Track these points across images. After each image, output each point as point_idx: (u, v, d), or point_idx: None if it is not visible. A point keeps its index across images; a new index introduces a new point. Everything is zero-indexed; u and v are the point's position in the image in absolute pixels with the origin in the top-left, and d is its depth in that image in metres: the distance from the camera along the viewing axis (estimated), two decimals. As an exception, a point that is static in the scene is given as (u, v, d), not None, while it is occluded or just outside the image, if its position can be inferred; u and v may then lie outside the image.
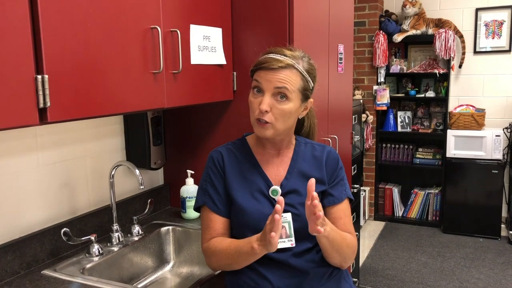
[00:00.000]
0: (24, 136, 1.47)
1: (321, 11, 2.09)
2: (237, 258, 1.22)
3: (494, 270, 3.52)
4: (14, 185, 1.45)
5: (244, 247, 1.19)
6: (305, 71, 1.26)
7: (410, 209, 4.66)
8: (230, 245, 1.25)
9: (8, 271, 1.39)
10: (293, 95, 1.24)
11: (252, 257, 1.20)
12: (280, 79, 1.22)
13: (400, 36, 4.35)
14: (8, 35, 1.00)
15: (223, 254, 1.26)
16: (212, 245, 1.29)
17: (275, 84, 1.22)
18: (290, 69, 1.23)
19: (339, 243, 1.25)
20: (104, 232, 1.73)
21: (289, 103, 1.24)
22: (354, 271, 3.11)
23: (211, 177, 1.34)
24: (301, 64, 1.26)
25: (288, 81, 1.22)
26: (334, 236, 1.23)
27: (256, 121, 1.26)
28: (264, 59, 1.25)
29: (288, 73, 1.22)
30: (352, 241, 1.32)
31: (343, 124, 2.54)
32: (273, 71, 1.22)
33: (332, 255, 1.27)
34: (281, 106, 1.23)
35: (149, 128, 1.88)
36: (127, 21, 1.31)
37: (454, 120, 4.21)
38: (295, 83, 1.24)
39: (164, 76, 1.47)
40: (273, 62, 1.22)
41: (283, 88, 1.22)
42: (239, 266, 1.26)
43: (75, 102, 1.16)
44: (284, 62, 1.23)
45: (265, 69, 1.23)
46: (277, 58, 1.23)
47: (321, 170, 1.34)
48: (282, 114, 1.24)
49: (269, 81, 1.22)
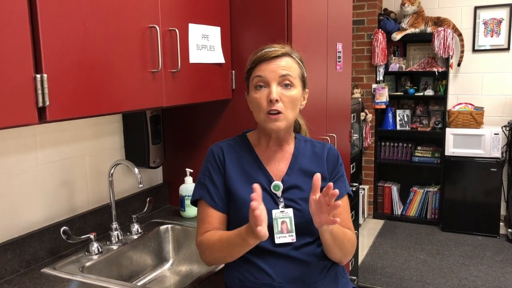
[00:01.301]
0: (23, 135, 1.47)
1: (319, 9, 2.09)
2: (231, 250, 1.21)
3: (492, 268, 3.53)
4: (14, 183, 1.45)
5: (236, 239, 1.18)
6: (298, 59, 1.33)
7: (409, 207, 4.67)
8: (221, 237, 1.24)
9: (8, 269, 1.40)
10: (296, 81, 1.29)
11: (245, 248, 1.19)
12: (283, 66, 1.26)
13: (399, 34, 4.36)
14: (7, 34, 1.00)
15: (215, 247, 1.25)
16: (205, 238, 1.29)
17: (280, 73, 1.25)
18: (288, 56, 1.29)
19: (341, 238, 1.26)
20: (104, 230, 1.74)
21: (294, 89, 1.28)
22: (353, 269, 3.12)
23: (210, 171, 1.34)
24: (294, 53, 1.32)
25: (290, 67, 1.27)
26: (337, 231, 1.24)
27: (266, 116, 1.27)
28: (262, 53, 1.29)
29: (288, 60, 1.28)
30: (352, 237, 1.34)
31: (342, 123, 2.55)
32: (275, 60, 1.27)
33: (333, 250, 1.27)
34: (289, 93, 1.26)
35: (148, 127, 1.89)
36: (126, 20, 1.31)
37: (453, 119, 4.21)
38: (296, 70, 1.29)
39: (162, 75, 1.47)
40: (272, 52, 1.27)
41: (287, 75, 1.26)
42: (232, 258, 1.25)
43: (74, 101, 1.17)
44: (282, 50, 1.29)
45: (266, 60, 1.27)
46: (274, 49, 1.29)
47: (322, 166, 1.35)
48: (291, 101, 1.27)
49: (273, 71, 1.26)
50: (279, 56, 1.27)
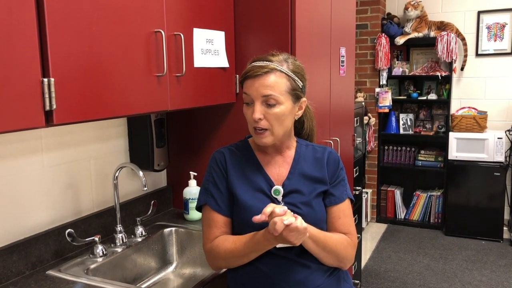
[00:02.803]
0: (29, 138, 1.48)
1: (323, 14, 2.11)
2: (248, 249, 1.24)
3: (496, 272, 3.52)
4: (20, 186, 1.46)
5: (255, 238, 1.22)
6: (291, 71, 1.29)
7: (412, 211, 4.66)
8: (236, 240, 1.26)
9: (14, 271, 1.41)
10: (282, 98, 1.26)
11: (265, 246, 1.21)
12: (266, 85, 1.25)
13: (402, 38, 4.36)
14: (15, 39, 1.02)
15: (230, 250, 1.27)
16: (216, 244, 1.30)
17: (262, 93, 1.25)
18: (274, 72, 1.26)
19: (323, 242, 1.26)
20: (108, 233, 1.75)
21: (280, 106, 1.26)
22: (356, 273, 3.12)
23: (214, 176, 1.36)
24: (285, 66, 1.29)
25: (274, 86, 1.25)
26: (316, 236, 1.24)
27: (253, 130, 1.30)
28: (249, 68, 1.29)
29: (272, 78, 1.26)
30: (345, 240, 1.33)
31: (345, 127, 2.55)
32: (258, 78, 1.25)
33: (320, 255, 1.28)
34: (273, 111, 1.26)
35: (152, 130, 1.90)
36: (131, 25, 1.33)
37: (456, 123, 4.21)
38: (282, 86, 1.26)
39: (167, 79, 1.48)
40: (257, 69, 1.26)
41: (270, 95, 1.25)
42: (248, 258, 1.27)
43: (80, 104, 1.18)
44: (268, 67, 1.26)
45: (250, 77, 1.27)
46: (260, 65, 1.27)
47: (323, 171, 1.36)
48: (276, 118, 1.27)
49: (256, 90, 1.25)
50: (263, 74, 1.25)
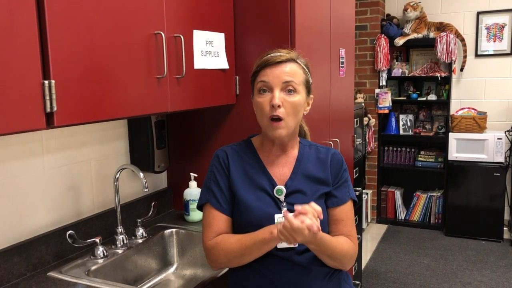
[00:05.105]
0: (30, 140, 1.49)
1: (322, 15, 2.11)
2: (252, 247, 1.22)
3: (496, 272, 3.52)
4: (20, 188, 1.47)
5: (260, 235, 1.20)
6: (304, 65, 1.33)
7: (413, 212, 4.66)
8: (241, 237, 1.25)
9: (15, 273, 1.41)
10: (300, 88, 1.29)
11: (270, 243, 1.20)
12: (287, 72, 1.27)
13: (402, 39, 4.37)
14: (16, 41, 1.02)
15: (233, 247, 1.25)
16: (218, 242, 1.28)
17: (283, 79, 1.26)
18: (293, 62, 1.30)
19: (327, 246, 1.24)
20: (109, 234, 1.75)
21: (297, 95, 1.28)
22: (356, 274, 3.12)
23: (216, 175, 1.35)
24: (299, 59, 1.32)
25: (294, 74, 1.28)
26: (323, 239, 1.22)
27: (268, 121, 1.27)
28: (269, 57, 1.29)
29: (293, 66, 1.29)
30: (347, 243, 1.31)
31: (345, 127, 2.56)
32: (279, 65, 1.27)
33: (322, 258, 1.27)
34: (292, 99, 1.27)
35: (153, 132, 1.90)
36: (132, 27, 1.33)
37: (456, 123, 4.21)
38: (300, 76, 1.29)
39: (168, 80, 1.49)
40: (277, 57, 1.28)
41: (291, 81, 1.26)
42: (251, 257, 1.25)
43: (81, 106, 1.19)
44: (287, 56, 1.29)
45: (271, 64, 1.28)
46: (280, 54, 1.29)
47: (326, 172, 1.35)
48: (293, 107, 1.27)
49: (277, 76, 1.26)
50: (283, 62, 1.27)
